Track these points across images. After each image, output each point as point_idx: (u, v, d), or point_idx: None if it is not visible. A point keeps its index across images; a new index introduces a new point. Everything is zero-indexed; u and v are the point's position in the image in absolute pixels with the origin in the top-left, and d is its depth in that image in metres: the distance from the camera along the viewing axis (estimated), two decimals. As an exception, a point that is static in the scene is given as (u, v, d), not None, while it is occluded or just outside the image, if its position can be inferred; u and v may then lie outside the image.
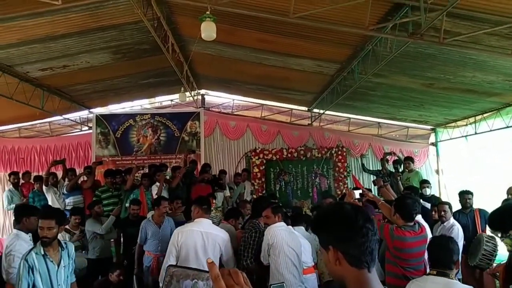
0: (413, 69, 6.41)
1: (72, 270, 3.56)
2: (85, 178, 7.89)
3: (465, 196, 5.77)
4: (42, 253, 3.32)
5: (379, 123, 10.66)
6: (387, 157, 9.37)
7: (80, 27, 5.70)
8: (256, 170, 10.04)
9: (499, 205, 5.61)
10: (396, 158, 9.20)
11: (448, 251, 2.72)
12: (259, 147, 10.35)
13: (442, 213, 5.16)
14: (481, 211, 5.60)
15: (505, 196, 5.86)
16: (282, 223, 4.11)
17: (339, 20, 4.89)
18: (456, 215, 5.57)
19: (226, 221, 4.88)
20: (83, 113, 10.54)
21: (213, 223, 4.20)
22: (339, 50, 6.32)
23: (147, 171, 8.07)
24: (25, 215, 4.02)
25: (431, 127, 10.58)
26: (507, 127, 7.76)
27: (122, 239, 6.48)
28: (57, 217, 3.45)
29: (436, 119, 9.82)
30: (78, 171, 8.67)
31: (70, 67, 7.13)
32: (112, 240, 6.40)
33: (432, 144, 10.75)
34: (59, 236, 3.96)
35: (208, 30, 4.64)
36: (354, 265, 1.30)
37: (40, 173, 9.09)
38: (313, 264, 4.48)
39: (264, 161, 10.13)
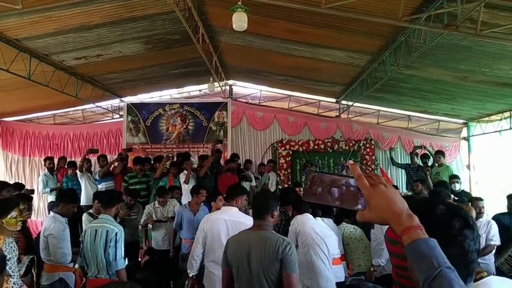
0: (446, 61, 6.24)
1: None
2: (116, 164, 8.13)
3: None
4: None
5: (409, 116, 10.44)
6: (417, 150, 9.19)
7: (113, 17, 5.82)
8: (282, 161, 10.06)
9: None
10: (425, 152, 9.01)
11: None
12: (285, 138, 10.36)
13: (479, 209, 4.99)
14: None
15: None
16: (309, 215, 4.13)
17: (371, 10, 4.81)
18: (500, 217, 5.36)
19: None
20: (115, 102, 10.83)
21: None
22: (370, 41, 6.21)
23: (175, 160, 8.24)
24: (64, 201, 4.23)
25: (463, 121, 10.28)
26: (545, 122, 7.47)
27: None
28: None
29: (469, 113, 9.53)
30: (110, 157, 8.95)
31: (103, 56, 7.31)
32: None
33: (464, 138, 10.45)
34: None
35: (240, 21, 4.66)
36: None
37: (73, 159, 9.42)
38: (339, 255, 4.50)
39: (290, 152, 10.14)
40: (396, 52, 6.18)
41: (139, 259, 6.05)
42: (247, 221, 3.93)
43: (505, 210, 5.52)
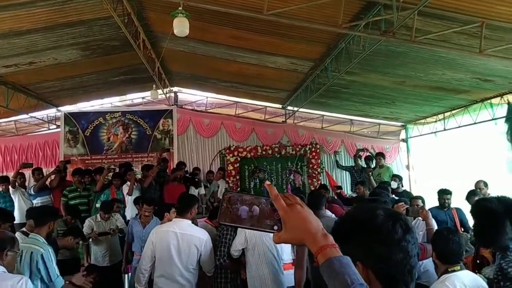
0: (385, 67, 6.51)
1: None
2: (53, 177, 7.61)
3: (443, 196, 5.78)
4: None
5: (351, 120, 10.79)
6: (360, 153, 9.51)
7: (46, 22, 5.48)
8: (230, 167, 9.98)
9: (465, 198, 5.80)
10: (368, 154, 9.35)
11: (460, 245, 2.58)
12: (233, 145, 10.30)
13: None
14: (458, 210, 5.68)
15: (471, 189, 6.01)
16: None
17: (313, 17, 4.89)
18: (435, 211, 5.63)
19: (210, 221, 4.77)
20: (51, 111, 10.18)
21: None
22: (312, 48, 6.33)
23: (117, 171, 7.87)
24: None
25: (402, 123, 10.81)
26: (474, 123, 8.00)
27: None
28: None
29: (406, 116, 10.03)
30: (46, 171, 8.35)
31: (37, 63, 6.86)
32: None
33: (403, 140, 10.99)
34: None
35: (181, 26, 4.56)
36: (388, 286, 1.06)
37: (5, 174, 8.72)
38: (291, 261, 4.47)
39: (239, 159, 10.10)
40: (337, 58, 6.35)
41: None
42: (200, 234, 3.81)
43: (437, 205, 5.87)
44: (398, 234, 1.08)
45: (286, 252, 4.25)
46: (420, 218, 5.05)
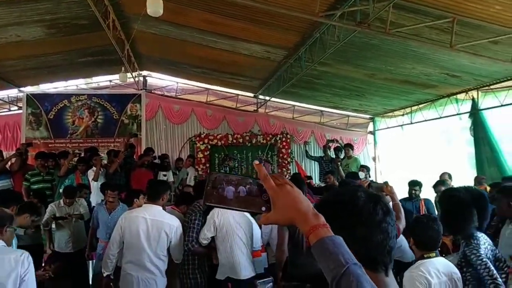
0: (357, 59, 6.58)
1: None
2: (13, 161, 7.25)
3: (412, 187, 5.98)
4: None
5: (321, 111, 10.89)
6: (329, 144, 9.63)
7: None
8: (200, 155, 9.89)
9: (432, 186, 6.03)
10: (337, 145, 9.48)
11: (439, 232, 2.58)
12: (204, 132, 10.18)
13: None
14: (426, 201, 5.90)
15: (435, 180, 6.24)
16: None
17: (289, 4, 4.86)
18: (403, 202, 5.79)
19: (177, 207, 4.68)
20: (12, 92, 9.67)
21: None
22: (287, 36, 6.30)
23: (82, 155, 7.61)
24: None
25: (370, 116, 11.01)
26: (440, 117, 8.26)
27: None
28: None
29: (375, 109, 10.23)
30: (6, 154, 7.94)
31: (-3, 40, 6.46)
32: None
33: (370, 132, 11.22)
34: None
35: (155, 6, 4.41)
36: (368, 268, 0.99)
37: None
38: (260, 248, 4.48)
39: (209, 147, 10.01)
40: (311, 48, 6.35)
41: (43, 265, 5.46)
42: (171, 220, 3.74)
43: (406, 196, 6.06)
44: (379, 215, 1.09)
45: (256, 238, 4.24)
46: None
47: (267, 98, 10.12)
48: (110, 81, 10.26)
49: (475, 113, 7.35)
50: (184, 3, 5.63)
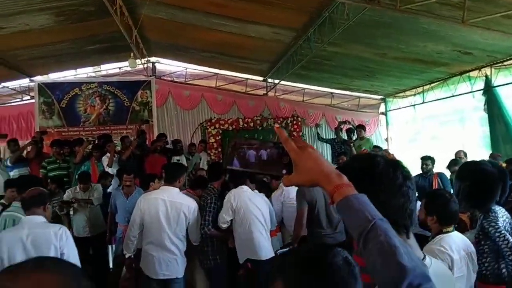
0: (368, 38, 6.46)
1: None
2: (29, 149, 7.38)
3: (424, 162, 6.03)
4: None
5: (332, 93, 10.79)
6: (341, 126, 9.57)
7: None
8: (212, 140, 9.94)
9: (446, 166, 5.99)
10: (350, 126, 9.42)
11: (457, 206, 2.55)
12: (214, 117, 10.19)
13: None
14: (440, 175, 5.89)
15: (451, 159, 6.19)
16: (245, 187, 4.08)
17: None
18: (417, 178, 5.80)
19: (193, 191, 4.74)
20: (24, 82, 9.77)
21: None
22: (296, 16, 6.21)
23: (96, 143, 7.72)
24: None
25: (381, 96, 10.88)
26: (452, 96, 8.12)
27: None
28: None
29: (386, 89, 10.10)
30: (21, 143, 8.07)
31: (6, 29, 6.47)
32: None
33: (382, 113, 11.10)
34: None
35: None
36: None
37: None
38: (275, 227, 4.53)
39: (220, 131, 10.03)
40: (321, 28, 6.26)
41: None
42: (188, 202, 3.80)
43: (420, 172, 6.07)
44: (399, 179, 1.12)
45: (272, 219, 4.29)
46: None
47: (276, 81, 10.05)
48: (120, 68, 10.28)
49: (488, 91, 7.21)
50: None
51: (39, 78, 9.70)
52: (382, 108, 11.15)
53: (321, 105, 10.94)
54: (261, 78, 10.60)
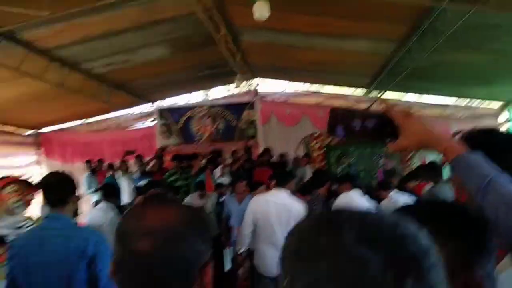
0: (476, 42, 5.98)
1: None
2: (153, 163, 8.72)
3: None
4: None
5: (443, 104, 10.08)
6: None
7: (136, 22, 5.92)
8: (315, 153, 10.14)
9: None
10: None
11: None
12: (317, 132, 10.34)
13: None
14: None
15: None
16: (358, 190, 4.23)
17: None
18: None
19: (303, 196, 4.90)
20: (145, 106, 11.21)
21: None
22: (395, 27, 6.05)
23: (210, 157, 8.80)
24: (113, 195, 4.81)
25: (503, 102, 9.77)
26: None
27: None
28: None
29: (508, 96, 9.07)
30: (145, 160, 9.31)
31: (129, 62, 7.43)
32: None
33: (506, 121, 9.95)
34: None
35: (261, 10, 4.65)
36: None
37: (111, 163, 9.76)
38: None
39: (324, 145, 10.14)
40: (422, 38, 5.95)
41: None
42: (297, 204, 3.93)
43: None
44: None
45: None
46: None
47: (378, 96, 9.77)
48: (228, 90, 11.19)
49: None
50: (288, 10, 5.83)
51: (158, 103, 11.03)
52: (505, 115, 10.00)
53: (431, 117, 10.27)
54: (362, 93, 10.40)
